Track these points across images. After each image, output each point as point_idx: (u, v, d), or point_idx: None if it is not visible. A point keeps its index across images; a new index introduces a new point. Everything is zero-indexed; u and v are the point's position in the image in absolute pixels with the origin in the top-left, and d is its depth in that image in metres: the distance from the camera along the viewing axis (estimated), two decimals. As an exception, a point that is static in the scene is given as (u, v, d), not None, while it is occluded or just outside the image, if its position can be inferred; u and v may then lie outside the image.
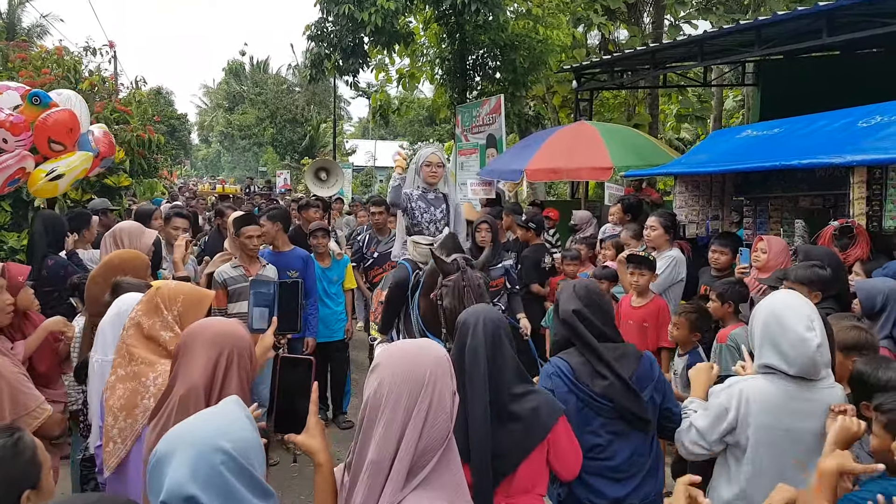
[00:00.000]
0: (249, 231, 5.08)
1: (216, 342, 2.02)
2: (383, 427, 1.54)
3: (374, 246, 6.84)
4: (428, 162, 5.02)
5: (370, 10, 12.05)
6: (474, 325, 2.54)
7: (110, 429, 2.39)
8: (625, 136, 9.53)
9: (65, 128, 6.07)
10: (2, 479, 1.66)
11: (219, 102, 52.29)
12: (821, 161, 4.90)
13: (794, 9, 8.49)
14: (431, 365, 1.62)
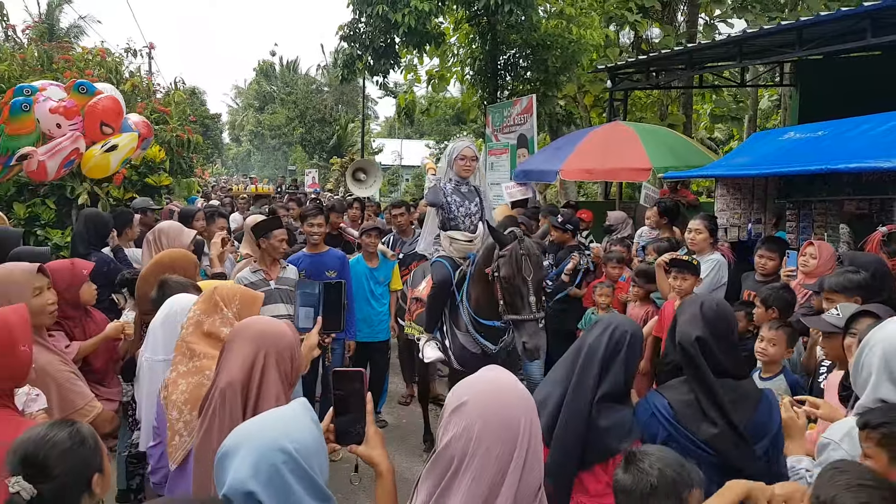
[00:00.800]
0: (280, 235, 5.02)
1: (256, 340, 2.08)
2: (471, 480, 1.39)
3: (398, 247, 6.90)
4: (462, 156, 5.03)
5: (403, 10, 12.14)
6: (605, 328, 2.47)
7: (175, 422, 2.45)
8: (661, 136, 9.45)
9: (113, 112, 6.55)
10: (73, 465, 1.72)
11: (249, 102, 52.97)
12: (867, 165, 4.83)
13: (833, 8, 8.36)
14: (525, 410, 1.48)
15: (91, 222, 5.41)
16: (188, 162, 11.27)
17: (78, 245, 5.35)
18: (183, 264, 3.77)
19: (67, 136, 6.09)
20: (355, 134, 40.90)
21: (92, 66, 9.87)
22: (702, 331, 2.40)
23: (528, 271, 4.00)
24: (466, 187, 5.09)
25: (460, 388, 1.54)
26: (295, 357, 2.15)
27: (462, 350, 4.65)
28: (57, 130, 6.09)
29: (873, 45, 7.98)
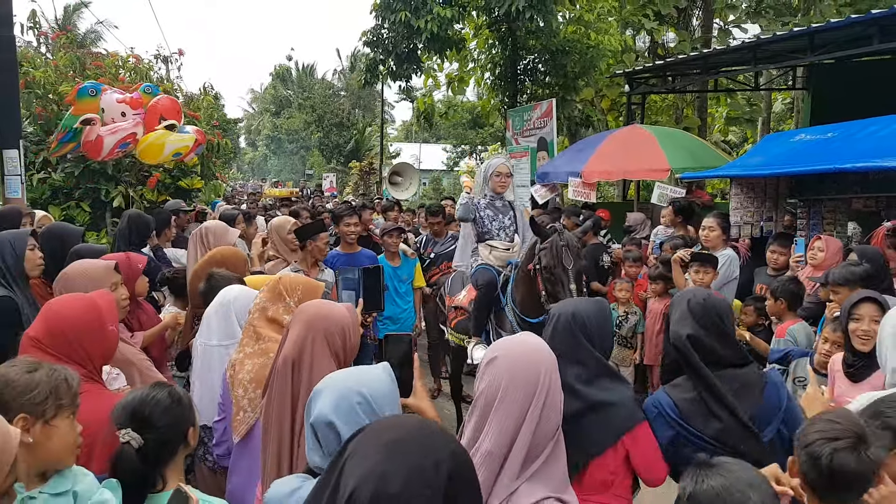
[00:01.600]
0: (324, 237, 5.25)
1: (309, 322, 2.32)
2: (499, 421, 1.66)
3: (430, 247, 7.15)
4: (498, 172, 5.17)
5: (426, 17, 12.46)
6: (550, 318, 2.58)
7: (240, 399, 2.71)
8: (678, 138, 9.75)
9: (173, 110, 7.07)
10: (172, 419, 2.03)
11: (266, 107, 53.40)
12: (873, 164, 5.10)
13: (845, 13, 8.58)
14: (547, 364, 1.76)
15: (134, 223, 5.61)
16: (213, 166, 11.59)
17: (120, 244, 5.53)
18: (234, 261, 4.01)
19: (130, 121, 6.58)
20: (373, 138, 41.24)
21: (125, 71, 10.19)
22: (691, 328, 2.44)
23: (567, 261, 4.14)
24: (501, 202, 5.24)
25: (494, 347, 1.85)
26: (348, 336, 2.36)
27: None
28: (121, 118, 6.57)
29: (883, 50, 8.21)
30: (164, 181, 9.31)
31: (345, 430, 1.57)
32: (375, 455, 1.06)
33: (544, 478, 1.67)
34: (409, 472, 1.03)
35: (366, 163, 28.25)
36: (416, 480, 1.03)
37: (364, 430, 1.15)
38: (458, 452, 1.12)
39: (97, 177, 8.04)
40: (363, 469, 1.04)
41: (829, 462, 1.74)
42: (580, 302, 2.69)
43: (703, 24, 16.83)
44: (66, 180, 8.01)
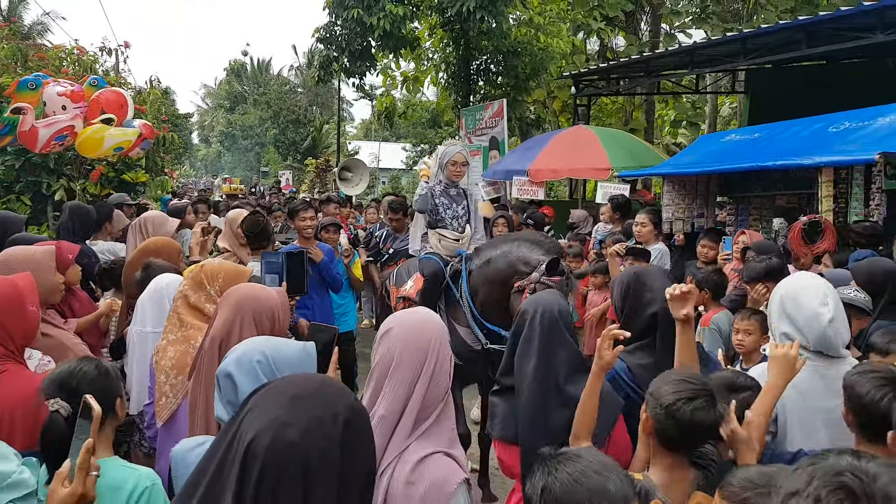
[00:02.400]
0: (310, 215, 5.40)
1: (238, 303, 2.40)
2: (392, 387, 1.77)
3: (390, 242, 7.05)
4: (453, 161, 5.10)
5: (379, 14, 12.55)
6: (532, 315, 2.58)
7: (162, 385, 2.76)
8: (621, 139, 10.06)
9: (116, 104, 6.89)
10: (99, 390, 2.06)
11: (220, 102, 52.63)
12: (792, 162, 5.41)
13: (787, 20, 8.99)
14: (436, 333, 1.87)
15: (76, 215, 5.52)
16: (161, 160, 11.47)
17: (63, 237, 5.38)
18: (168, 251, 4.04)
19: (68, 115, 6.44)
20: (330, 136, 41.00)
21: (68, 64, 10.03)
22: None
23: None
24: (455, 190, 5.19)
25: (389, 319, 1.96)
26: (277, 318, 2.45)
27: (462, 345, 4.56)
28: (62, 112, 6.43)
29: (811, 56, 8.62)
30: (107, 175, 9.18)
31: (242, 383, 1.72)
32: (277, 408, 1.13)
33: (434, 436, 1.78)
34: (309, 423, 1.10)
35: (322, 160, 28.09)
36: (315, 431, 1.10)
37: (266, 386, 1.22)
38: (355, 407, 1.20)
39: (38, 170, 7.90)
40: (263, 421, 1.10)
41: (689, 418, 1.95)
42: (552, 296, 2.74)
43: (651, 28, 17.29)
44: (7, 174, 7.84)
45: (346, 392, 1.23)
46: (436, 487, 1.69)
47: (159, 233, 4.71)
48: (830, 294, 2.50)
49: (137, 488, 1.89)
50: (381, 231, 7.36)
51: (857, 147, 5.34)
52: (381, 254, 7.11)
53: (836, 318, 2.45)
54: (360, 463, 1.16)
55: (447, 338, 1.90)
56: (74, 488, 1.65)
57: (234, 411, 1.59)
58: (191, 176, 46.60)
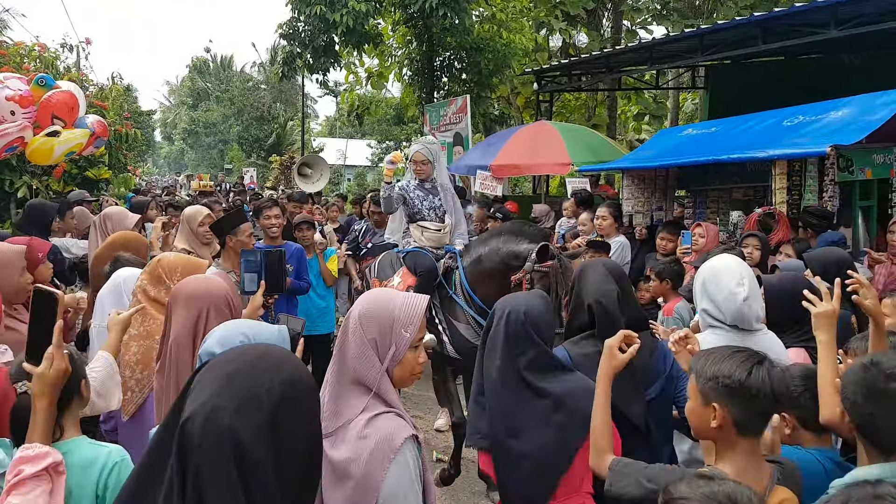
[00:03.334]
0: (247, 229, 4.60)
1: (191, 300, 2.42)
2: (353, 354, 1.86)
3: (369, 236, 6.99)
4: (414, 160, 5.29)
5: (342, 11, 12.52)
6: (499, 316, 2.57)
7: (128, 380, 2.78)
8: (581, 134, 10.20)
9: (66, 106, 6.74)
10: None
11: (182, 99, 51.89)
12: (746, 156, 5.57)
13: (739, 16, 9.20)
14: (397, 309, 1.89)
15: (34, 212, 5.52)
16: (124, 157, 11.36)
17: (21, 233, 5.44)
18: (135, 245, 4.06)
19: (16, 123, 6.26)
20: (295, 132, 40.68)
21: (29, 60, 9.88)
22: (614, 286, 2.67)
23: (563, 289, 4.01)
24: (429, 184, 5.31)
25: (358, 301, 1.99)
26: (232, 305, 2.50)
27: (463, 341, 4.65)
28: (10, 117, 6.26)
29: (768, 51, 8.83)
30: (70, 172, 9.12)
31: None
32: (212, 386, 1.14)
33: (388, 396, 1.87)
34: (241, 403, 1.11)
35: (286, 157, 27.86)
36: (246, 409, 1.11)
37: (210, 362, 1.23)
38: (293, 377, 1.20)
39: (1, 168, 7.82)
40: (199, 401, 1.12)
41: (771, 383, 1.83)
42: (527, 297, 2.73)
43: (613, 25, 17.48)
44: (-31, 172, 7.77)
45: (285, 363, 1.23)
46: (384, 441, 1.76)
47: (119, 228, 4.67)
48: (746, 273, 2.70)
49: (108, 464, 1.95)
50: (361, 225, 7.30)
51: (809, 140, 5.53)
52: (359, 248, 7.05)
53: (751, 295, 2.65)
54: (297, 437, 1.17)
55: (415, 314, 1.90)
56: (58, 365, 1.83)
57: None
58: (154, 173, 45.86)
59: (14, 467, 1.64)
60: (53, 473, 1.67)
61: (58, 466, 1.69)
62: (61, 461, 1.72)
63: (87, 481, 1.90)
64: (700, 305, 2.78)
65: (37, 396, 1.80)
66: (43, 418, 1.77)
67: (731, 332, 2.66)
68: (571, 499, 2.40)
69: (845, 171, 5.54)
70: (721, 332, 2.67)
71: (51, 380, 1.80)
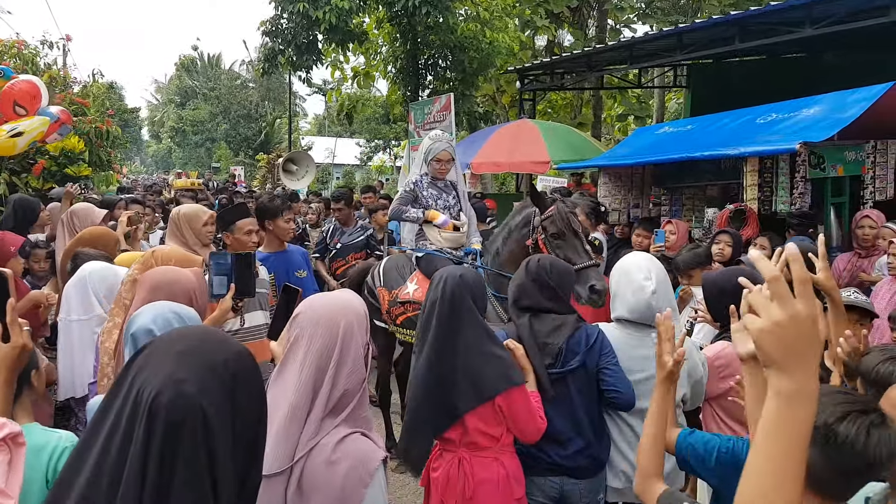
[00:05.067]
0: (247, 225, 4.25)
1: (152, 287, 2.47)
2: (297, 376, 1.73)
3: (337, 237, 6.72)
4: (438, 158, 4.85)
5: (324, 8, 12.50)
6: (438, 281, 2.81)
7: (105, 366, 2.76)
8: (562, 133, 10.25)
9: (28, 95, 6.73)
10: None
11: (170, 98, 51.67)
12: (718, 153, 5.62)
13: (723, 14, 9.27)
14: (345, 316, 1.80)
15: (20, 208, 5.52)
16: (107, 155, 11.29)
17: (4, 228, 5.32)
18: (104, 241, 4.12)
19: None
20: (283, 131, 40.63)
21: (8, 57, 9.83)
22: (521, 279, 2.98)
23: (577, 225, 4.04)
24: (443, 182, 4.99)
25: (302, 304, 1.88)
26: (195, 299, 2.52)
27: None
28: None
29: (754, 49, 8.88)
30: (49, 168, 9.07)
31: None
32: (168, 364, 1.15)
33: (350, 421, 1.77)
34: (202, 375, 1.13)
35: (274, 155, 27.79)
36: (209, 382, 1.13)
37: (149, 346, 1.23)
38: (241, 353, 1.23)
39: None
40: (159, 378, 1.12)
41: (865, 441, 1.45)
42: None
43: (597, 24, 17.56)
44: (-53, 169, 7.71)
45: (228, 341, 1.26)
46: (359, 464, 1.70)
47: (86, 224, 4.66)
48: (654, 269, 2.86)
49: (57, 448, 1.98)
50: (328, 226, 7.00)
51: (780, 137, 5.59)
52: (328, 249, 6.75)
53: (658, 290, 2.81)
54: (251, 407, 1.21)
55: (362, 325, 1.83)
56: (15, 341, 1.85)
57: None
58: (141, 172, 45.62)
59: None
60: (12, 444, 1.68)
61: (16, 437, 1.70)
62: (20, 432, 1.73)
63: (39, 465, 1.93)
64: (613, 308, 2.95)
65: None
66: (1, 392, 1.80)
67: (631, 329, 2.88)
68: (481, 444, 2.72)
69: (817, 168, 5.61)
70: (622, 327, 2.91)
71: (3, 355, 1.82)
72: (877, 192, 5.81)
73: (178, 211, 4.50)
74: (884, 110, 5.59)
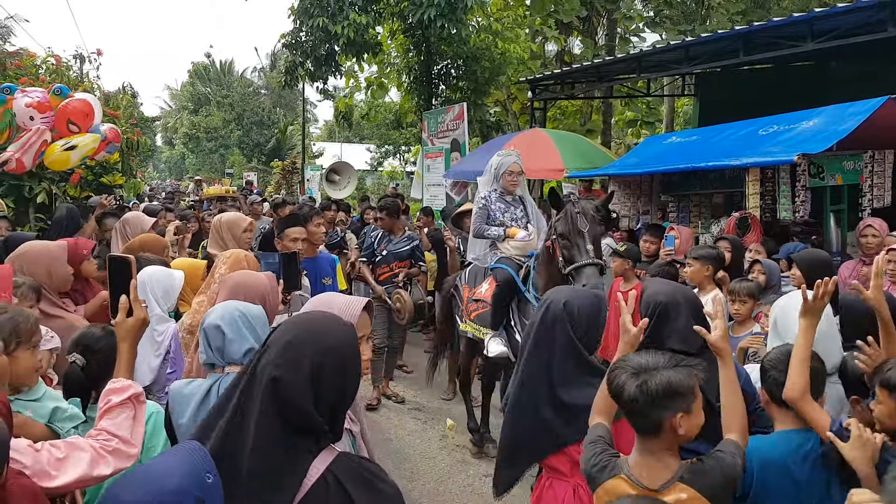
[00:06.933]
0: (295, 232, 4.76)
1: (232, 288, 2.87)
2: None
3: (384, 244, 6.78)
4: (510, 171, 5.14)
5: (343, 23, 12.95)
6: (542, 303, 2.62)
7: (190, 363, 3.13)
8: (574, 141, 10.61)
9: (82, 112, 7.08)
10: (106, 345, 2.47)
11: (183, 104, 52.27)
12: (721, 163, 5.98)
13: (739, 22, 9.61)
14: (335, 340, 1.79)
15: (72, 213, 5.95)
16: (136, 164, 11.76)
17: (52, 233, 5.75)
18: (152, 246, 4.51)
19: (34, 130, 6.67)
20: (295, 137, 41.08)
21: (47, 73, 10.25)
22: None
23: (583, 225, 4.11)
24: (511, 196, 5.25)
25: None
26: (266, 299, 2.91)
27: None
28: (29, 122, 6.68)
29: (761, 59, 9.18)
30: (86, 178, 9.48)
31: (227, 331, 2.27)
32: (276, 351, 1.59)
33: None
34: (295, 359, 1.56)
35: (288, 162, 28.26)
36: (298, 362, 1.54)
37: (274, 334, 1.65)
38: (330, 346, 1.61)
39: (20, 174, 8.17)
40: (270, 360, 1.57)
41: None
42: (575, 291, 2.71)
43: (607, 32, 17.91)
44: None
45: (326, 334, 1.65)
46: None
47: (137, 232, 5.10)
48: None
49: (151, 414, 2.37)
50: (376, 232, 7.01)
51: (780, 149, 5.94)
52: (374, 255, 6.80)
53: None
54: (332, 385, 1.61)
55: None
56: (137, 315, 2.10)
57: (221, 355, 2.24)
58: (155, 178, 46.19)
59: (104, 397, 1.99)
60: (136, 402, 2.01)
61: (139, 396, 2.03)
62: (142, 392, 2.06)
63: None
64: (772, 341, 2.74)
65: (120, 340, 2.09)
66: (126, 358, 2.08)
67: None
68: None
69: (816, 177, 5.96)
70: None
71: (129, 326, 2.09)
72: (874, 199, 6.14)
73: (219, 219, 5.12)
74: (880, 122, 5.92)
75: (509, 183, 5.15)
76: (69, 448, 1.82)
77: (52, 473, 1.74)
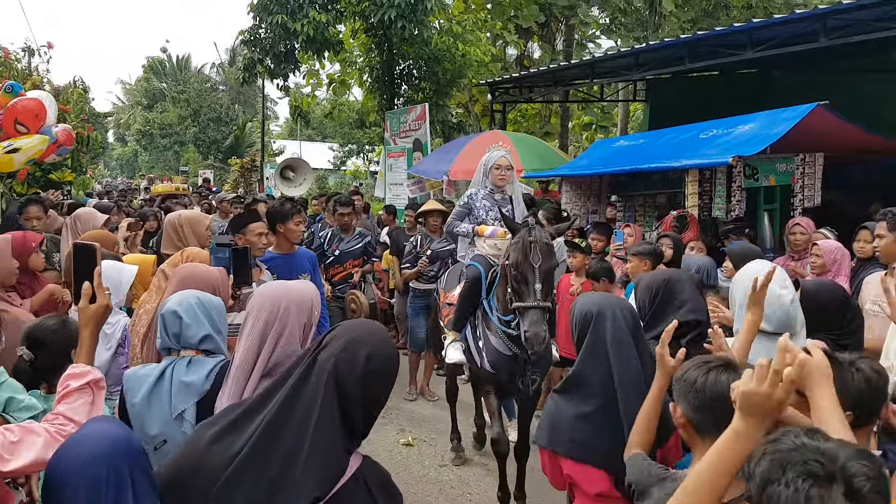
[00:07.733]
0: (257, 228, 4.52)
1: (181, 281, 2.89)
2: (245, 342, 2.03)
3: (336, 244, 6.55)
4: (498, 165, 5.00)
5: (302, 20, 13.01)
6: (612, 316, 2.45)
7: (135, 347, 3.21)
8: (531, 143, 10.92)
9: (31, 113, 6.83)
10: (58, 339, 2.61)
11: (137, 100, 51.18)
12: (663, 165, 6.29)
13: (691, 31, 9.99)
14: (289, 300, 2.05)
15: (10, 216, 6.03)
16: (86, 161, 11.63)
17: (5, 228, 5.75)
18: (105, 243, 4.39)
19: None
20: (254, 134, 40.65)
21: (-5, 68, 10.09)
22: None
23: (535, 259, 3.87)
24: (500, 195, 5.09)
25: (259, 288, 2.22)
26: (217, 291, 2.94)
27: (495, 353, 4.42)
28: None
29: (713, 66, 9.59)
30: (34, 174, 9.37)
31: (185, 317, 2.35)
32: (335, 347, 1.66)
33: None
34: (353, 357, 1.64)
35: (247, 159, 28.00)
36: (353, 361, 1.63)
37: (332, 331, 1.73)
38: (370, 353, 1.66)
39: None
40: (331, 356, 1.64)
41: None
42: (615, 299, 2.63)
43: (565, 38, 18.33)
44: (-64, 174, 7.98)
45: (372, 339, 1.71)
46: None
47: (88, 228, 5.11)
48: (786, 277, 2.63)
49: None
50: (325, 231, 6.80)
51: (717, 151, 6.29)
52: (325, 255, 6.50)
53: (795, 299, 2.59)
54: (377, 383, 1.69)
55: (308, 307, 2.09)
56: (100, 301, 2.10)
57: (177, 340, 2.33)
58: (106, 175, 45.15)
59: (63, 382, 2.00)
60: (94, 388, 2.03)
61: (98, 382, 2.04)
62: (101, 378, 2.08)
63: None
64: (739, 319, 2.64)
65: (82, 326, 2.10)
66: (87, 344, 2.10)
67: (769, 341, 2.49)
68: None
69: (751, 178, 6.32)
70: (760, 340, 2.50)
71: (91, 312, 2.10)
72: (805, 199, 6.51)
73: (178, 215, 5.00)
74: (810, 127, 6.31)
75: (497, 177, 5.01)
76: (23, 432, 1.83)
77: (5, 457, 1.75)
